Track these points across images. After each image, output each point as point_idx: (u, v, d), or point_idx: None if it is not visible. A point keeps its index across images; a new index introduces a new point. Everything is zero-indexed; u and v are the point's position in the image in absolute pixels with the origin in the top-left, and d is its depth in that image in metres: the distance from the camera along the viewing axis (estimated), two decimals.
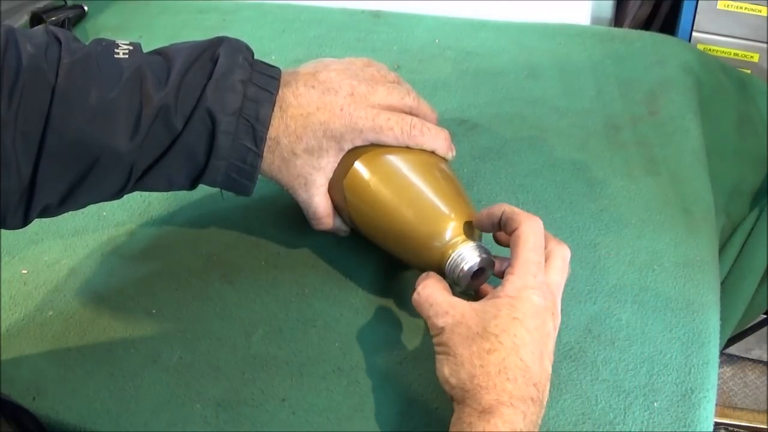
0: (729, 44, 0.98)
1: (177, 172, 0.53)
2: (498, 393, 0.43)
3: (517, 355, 0.45)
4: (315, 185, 0.56)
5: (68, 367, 0.56)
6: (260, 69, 0.54)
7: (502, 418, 0.42)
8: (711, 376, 0.52)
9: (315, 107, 0.54)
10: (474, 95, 0.79)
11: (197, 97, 0.51)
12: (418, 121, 0.55)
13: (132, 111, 0.49)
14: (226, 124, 0.51)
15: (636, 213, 0.64)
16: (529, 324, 0.46)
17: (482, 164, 0.70)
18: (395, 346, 0.56)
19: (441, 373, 0.46)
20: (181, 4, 0.99)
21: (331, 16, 0.94)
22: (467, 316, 0.47)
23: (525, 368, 0.45)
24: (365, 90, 0.55)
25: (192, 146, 0.52)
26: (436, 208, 0.53)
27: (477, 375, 0.44)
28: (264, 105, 0.52)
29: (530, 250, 0.49)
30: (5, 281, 0.63)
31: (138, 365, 0.56)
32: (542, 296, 0.47)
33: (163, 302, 0.60)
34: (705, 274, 0.59)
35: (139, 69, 0.50)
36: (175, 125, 0.51)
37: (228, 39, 0.54)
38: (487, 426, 0.42)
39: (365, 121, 0.54)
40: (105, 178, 0.51)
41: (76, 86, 0.48)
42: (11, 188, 0.48)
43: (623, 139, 0.72)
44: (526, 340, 0.45)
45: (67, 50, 0.49)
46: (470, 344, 0.45)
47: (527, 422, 0.43)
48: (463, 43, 0.87)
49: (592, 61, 0.83)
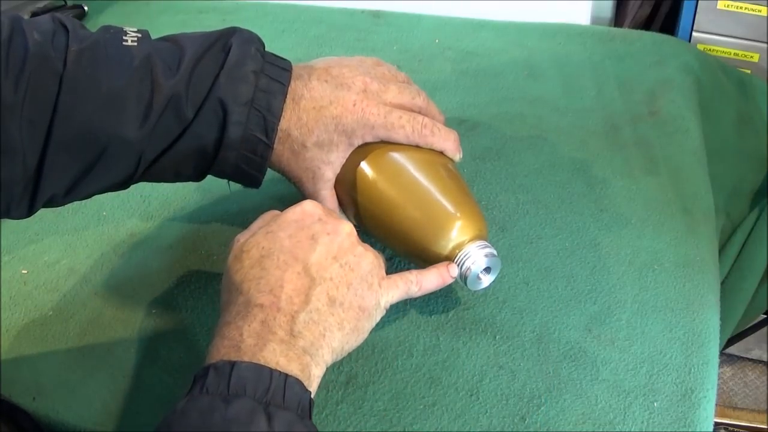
0: (729, 44, 0.98)
1: (186, 163, 0.53)
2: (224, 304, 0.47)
3: (260, 266, 0.46)
4: (323, 179, 0.56)
5: (68, 367, 0.56)
6: (272, 60, 0.53)
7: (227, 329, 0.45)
8: (711, 376, 0.52)
9: (328, 101, 0.54)
10: (474, 95, 0.79)
11: (209, 87, 0.50)
12: (429, 121, 0.55)
13: (142, 99, 0.49)
14: (238, 115, 0.51)
15: (636, 213, 0.64)
16: (280, 234, 0.48)
17: (482, 164, 0.70)
18: (394, 342, 0.56)
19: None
20: (181, 4, 0.99)
21: (331, 16, 0.94)
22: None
23: (259, 277, 0.46)
24: (378, 87, 0.55)
25: (202, 136, 0.51)
26: (443, 208, 0.53)
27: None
28: (276, 96, 0.52)
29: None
30: (5, 281, 0.63)
31: (138, 365, 0.56)
32: (299, 212, 0.49)
33: (163, 302, 0.60)
34: (705, 274, 0.59)
35: (149, 56, 0.49)
36: (185, 114, 0.50)
37: (240, 29, 0.54)
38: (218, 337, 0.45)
39: (377, 117, 0.54)
40: (113, 168, 0.50)
41: (85, 74, 0.48)
42: (16, 177, 0.47)
43: (623, 139, 0.72)
44: (272, 249, 0.47)
45: (75, 38, 0.49)
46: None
47: (253, 328, 0.44)
48: (463, 43, 0.88)
49: (592, 61, 0.83)
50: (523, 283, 0.59)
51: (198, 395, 0.40)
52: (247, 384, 0.40)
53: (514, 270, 0.60)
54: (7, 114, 0.45)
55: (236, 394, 0.40)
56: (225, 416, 0.39)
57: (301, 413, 0.41)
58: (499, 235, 0.63)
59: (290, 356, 0.43)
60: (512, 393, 0.52)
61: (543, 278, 0.59)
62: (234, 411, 0.39)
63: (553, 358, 0.54)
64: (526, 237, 0.63)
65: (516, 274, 0.60)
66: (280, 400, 0.41)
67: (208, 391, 0.40)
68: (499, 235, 0.63)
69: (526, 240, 0.62)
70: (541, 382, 0.52)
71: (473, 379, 0.53)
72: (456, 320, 0.57)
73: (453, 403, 0.52)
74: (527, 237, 0.63)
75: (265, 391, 0.41)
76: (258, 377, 0.41)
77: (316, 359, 0.45)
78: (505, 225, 0.64)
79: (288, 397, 0.41)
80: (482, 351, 0.55)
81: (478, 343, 0.55)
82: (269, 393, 0.41)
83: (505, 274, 0.60)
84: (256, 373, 0.41)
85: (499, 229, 0.63)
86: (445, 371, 0.54)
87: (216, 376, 0.41)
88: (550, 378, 0.53)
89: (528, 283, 0.59)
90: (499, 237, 0.63)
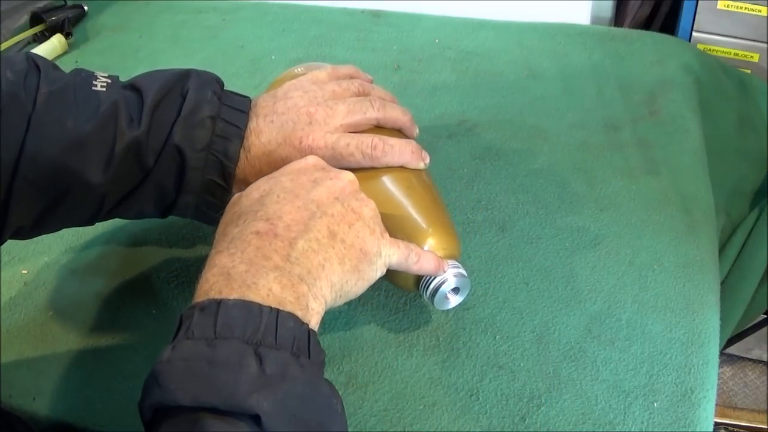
0: (729, 44, 0.98)
1: (148, 205, 0.54)
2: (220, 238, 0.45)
3: (259, 203, 0.46)
4: None
5: (68, 367, 0.56)
6: (229, 102, 0.53)
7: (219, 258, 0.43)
8: (711, 376, 0.52)
9: (276, 144, 0.53)
10: (474, 95, 0.79)
11: (167, 134, 0.51)
12: (379, 140, 0.53)
13: (106, 145, 0.49)
14: (195, 161, 0.51)
15: (636, 213, 0.64)
16: (282, 178, 0.47)
17: (482, 164, 0.70)
18: (394, 342, 0.56)
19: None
20: (181, 4, 0.99)
21: (331, 16, 0.94)
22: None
23: (257, 210, 0.45)
24: (324, 114, 0.54)
25: (162, 181, 0.52)
26: (416, 225, 0.51)
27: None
28: (233, 141, 0.52)
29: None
30: (5, 281, 0.63)
31: (138, 365, 0.56)
32: (302, 161, 0.49)
33: (163, 302, 0.60)
34: (705, 274, 0.59)
35: (115, 103, 0.50)
36: (146, 161, 0.51)
37: (197, 72, 0.54)
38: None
39: (324, 150, 0.53)
40: (77, 207, 0.51)
41: (52, 116, 0.48)
42: None
43: (623, 139, 0.72)
44: (272, 189, 0.46)
45: (46, 79, 0.50)
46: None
47: (247, 254, 0.42)
48: (463, 43, 0.88)
49: (592, 61, 0.83)
50: (523, 283, 0.59)
51: (183, 340, 0.38)
52: (235, 324, 0.38)
53: (514, 270, 0.60)
54: None
55: (223, 337, 0.37)
56: (212, 362, 0.36)
57: (296, 351, 0.39)
58: (499, 235, 0.63)
59: (284, 283, 0.41)
60: (512, 393, 0.52)
61: (543, 278, 0.59)
62: (221, 356, 0.37)
63: (553, 358, 0.54)
64: (526, 237, 0.63)
65: (516, 274, 0.60)
66: (272, 339, 0.38)
67: (194, 335, 0.38)
68: (499, 235, 0.63)
69: (526, 240, 0.62)
70: (541, 382, 0.52)
71: (473, 379, 0.53)
72: (456, 320, 0.57)
73: (453, 403, 0.52)
74: (527, 237, 0.63)
75: (255, 331, 0.38)
76: (247, 316, 0.38)
77: (314, 291, 0.43)
78: (505, 225, 0.64)
79: (281, 335, 0.38)
80: (482, 351, 0.55)
81: (478, 343, 0.55)
82: (259, 332, 0.38)
83: (505, 274, 0.60)
84: (245, 311, 0.39)
85: (499, 229, 0.63)
86: (445, 371, 0.54)
87: (201, 318, 0.38)
88: (550, 378, 0.53)
89: (528, 283, 0.59)
90: (499, 237, 0.63)
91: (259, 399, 0.36)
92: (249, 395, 0.36)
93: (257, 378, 0.36)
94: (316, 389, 0.39)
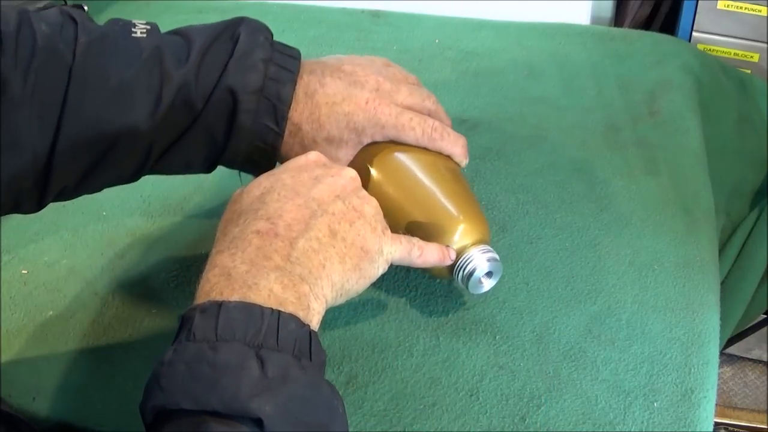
0: (729, 44, 0.98)
1: (196, 153, 0.53)
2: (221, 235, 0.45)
3: (260, 201, 0.45)
4: None
5: (68, 367, 0.56)
6: (281, 49, 0.53)
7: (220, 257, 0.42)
8: (711, 376, 0.52)
9: (341, 97, 0.53)
10: (474, 95, 0.79)
11: (218, 76, 0.50)
12: (440, 125, 0.55)
13: (152, 89, 0.48)
14: (248, 103, 0.51)
15: (636, 213, 0.64)
16: (283, 175, 0.47)
17: (482, 164, 0.70)
18: (394, 342, 0.56)
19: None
20: (181, 4, 0.99)
21: (331, 16, 0.94)
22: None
23: (257, 209, 0.44)
24: (390, 87, 0.55)
25: (212, 125, 0.51)
26: (447, 211, 0.53)
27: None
28: (285, 85, 0.52)
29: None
30: (5, 281, 0.63)
31: (138, 365, 0.56)
32: (303, 158, 0.49)
33: (163, 302, 0.60)
34: (705, 274, 0.59)
35: (158, 48, 0.49)
36: (195, 104, 0.50)
37: (248, 19, 0.54)
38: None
39: (389, 117, 0.54)
40: (124, 159, 0.50)
41: (94, 66, 0.47)
42: (26, 172, 0.47)
43: (623, 139, 0.72)
44: (273, 187, 0.46)
45: (84, 29, 0.48)
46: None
47: (247, 254, 0.42)
48: (463, 43, 0.87)
49: (592, 61, 0.83)
50: (523, 283, 0.59)
51: (185, 343, 0.38)
52: (236, 327, 0.38)
53: (514, 270, 0.60)
54: (15, 108, 0.45)
55: (225, 339, 0.37)
56: (214, 365, 0.36)
57: (298, 353, 0.38)
58: (499, 235, 0.63)
59: (285, 283, 0.41)
60: (512, 393, 0.52)
61: (543, 278, 0.59)
62: (223, 358, 0.36)
63: (553, 358, 0.54)
64: (526, 237, 0.63)
65: (516, 274, 0.60)
66: (274, 341, 0.38)
67: (195, 337, 0.38)
68: (499, 235, 0.63)
69: (526, 240, 0.62)
70: (541, 382, 0.52)
71: (473, 379, 0.53)
72: (456, 320, 0.57)
73: (453, 403, 0.52)
74: (527, 237, 0.63)
75: (256, 333, 0.38)
76: (248, 318, 0.38)
77: (315, 290, 0.42)
78: (505, 225, 0.64)
79: (282, 337, 0.38)
80: (482, 351, 0.55)
81: (478, 343, 0.55)
82: (261, 335, 0.38)
83: (505, 274, 0.59)
84: (246, 313, 0.38)
85: (499, 229, 0.63)
86: (445, 371, 0.54)
87: (203, 320, 0.38)
88: (550, 378, 0.53)
89: (528, 283, 0.59)
90: (499, 237, 0.63)
91: (261, 402, 0.36)
92: (251, 399, 0.36)
93: (259, 381, 0.36)
94: (318, 391, 0.39)
